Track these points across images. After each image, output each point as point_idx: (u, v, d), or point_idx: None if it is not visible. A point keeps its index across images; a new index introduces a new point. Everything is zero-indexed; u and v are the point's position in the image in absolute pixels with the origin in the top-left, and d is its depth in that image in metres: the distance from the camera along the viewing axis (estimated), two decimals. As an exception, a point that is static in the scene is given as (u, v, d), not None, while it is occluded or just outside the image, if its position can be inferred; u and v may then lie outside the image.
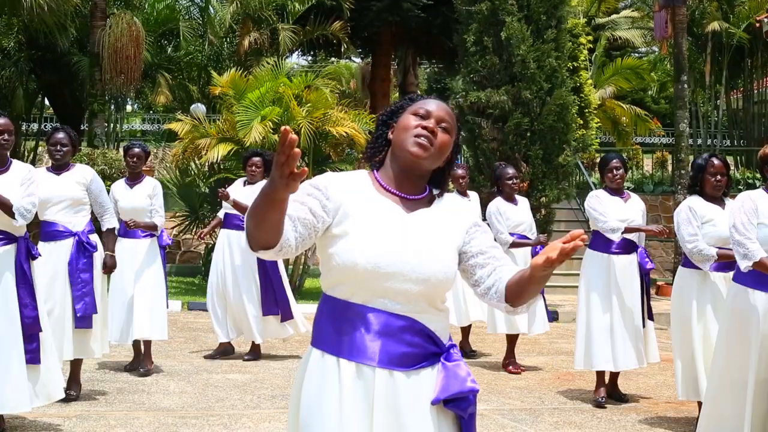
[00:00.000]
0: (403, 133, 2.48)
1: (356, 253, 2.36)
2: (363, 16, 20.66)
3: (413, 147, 2.45)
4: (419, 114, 2.51)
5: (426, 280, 2.39)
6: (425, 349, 2.41)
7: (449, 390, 2.39)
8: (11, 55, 19.90)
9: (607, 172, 7.16)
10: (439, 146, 2.49)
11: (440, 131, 2.50)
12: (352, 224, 2.40)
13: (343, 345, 2.39)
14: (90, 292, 6.54)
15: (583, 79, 19.00)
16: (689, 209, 6.06)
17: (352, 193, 2.45)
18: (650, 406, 7.08)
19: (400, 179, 2.51)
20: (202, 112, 17.62)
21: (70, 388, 6.71)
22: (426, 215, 2.50)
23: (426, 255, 2.41)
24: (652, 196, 19.17)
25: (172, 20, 20.73)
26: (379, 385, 2.35)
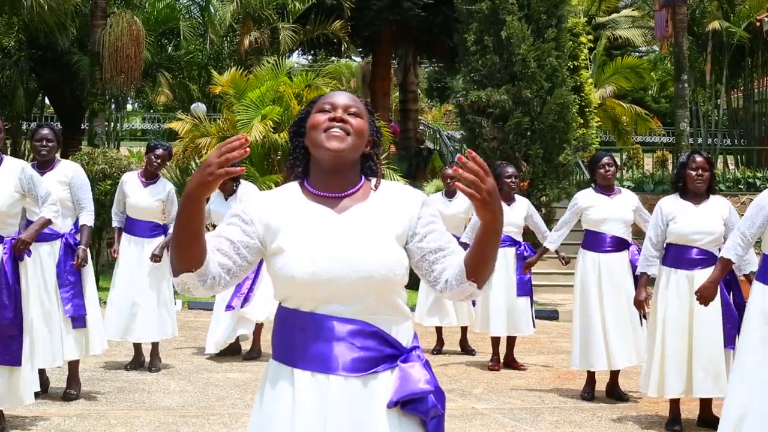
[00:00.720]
0: (314, 133, 2.41)
1: (292, 267, 2.32)
2: (363, 15, 20.67)
3: (328, 142, 2.38)
4: (325, 109, 2.44)
5: (368, 278, 2.32)
6: (380, 352, 2.34)
7: (401, 392, 2.32)
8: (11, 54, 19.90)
9: (598, 169, 7.21)
10: (354, 132, 2.41)
11: (350, 117, 2.42)
12: (283, 239, 2.36)
13: (297, 354, 2.34)
14: (78, 293, 6.52)
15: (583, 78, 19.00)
16: (659, 208, 6.24)
17: (279, 208, 2.40)
18: (650, 405, 7.08)
19: (325, 179, 2.43)
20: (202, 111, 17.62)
21: (70, 387, 6.71)
22: (360, 211, 2.40)
23: (363, 253, 2.33)
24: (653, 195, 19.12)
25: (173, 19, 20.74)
26: (335, 392, 2.30)
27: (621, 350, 7.05)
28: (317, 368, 2.32)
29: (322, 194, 2.43)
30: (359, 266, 2.32)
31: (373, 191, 2.46)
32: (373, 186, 2.47)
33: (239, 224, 2.39)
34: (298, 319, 2.36)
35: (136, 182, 7.81)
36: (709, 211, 6.09)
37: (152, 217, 7.77)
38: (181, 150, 14.37)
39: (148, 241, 7.77)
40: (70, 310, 6.47)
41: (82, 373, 7.51)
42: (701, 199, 6.13)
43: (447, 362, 8.77)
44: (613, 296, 7.07)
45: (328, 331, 2.33)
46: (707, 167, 6.13)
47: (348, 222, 2.38)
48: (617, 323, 7.04)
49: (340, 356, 2.31)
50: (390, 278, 2.35)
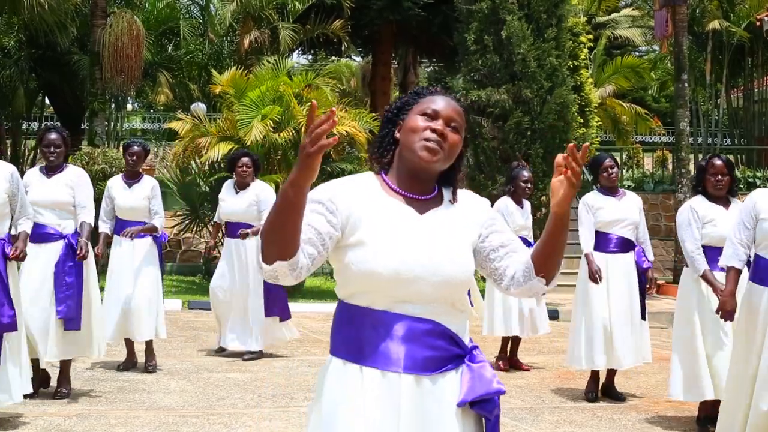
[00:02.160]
0: (411, 136, 2.39)
1: (375, 262, 2.30)
2: (363, 15, 20.66)
3: (422, 152, 2.37)
4: (427, 114, 2.41)
5: (446, 282, 2.35)
6: (449, 352, 2.37)
7: (475, 392, 2.35)
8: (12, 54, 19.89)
9: (602, 172, 7.19)
10: (449, 148, 2.40)
11: (449, 131, 2.40)
12: (365, 232, 2.33)
13: (366, 352, 2.33)
14: (73, 295, 6.51)
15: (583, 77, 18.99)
16: (691, 210, 6.16)
17: (360, 200, 2.38)
18: (650, 405, 7.08)
19: (409, 180, 2.44)
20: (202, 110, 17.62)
21: (60, 386, 6.72)
22: (439, 215, 2.43)
23: (444, 257, 2.35)
24: (653, 194, 19.16)
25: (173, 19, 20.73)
26: (406, 390, 2.30)
27: (628, 350, 7.05)
28: (389, 367, 2.31)
29: (404, 193, 2.43)
30: (440, 269, 2.34)
31: (449, 198, 2.48)
32: (450, 199, 2.48)
33: (324, 213, 2.33)
34: (369, 316, 2.34)
35: (120, 185, 7.85)
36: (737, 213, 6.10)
37: (141, 217, 7.78)
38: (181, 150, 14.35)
39: (138, 241, 7.78)
40: (62, 310, 6.47)
41: (82, 373, 7.53)
42: (727, 202, 6.15)
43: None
44: (620, 297, 7.06)
45: (402, 330, 2.33)
46: (726, 171, 6.11)
47: (430, 224, 2.40)
48: (624, 323, 7.03)
49: (413, 355, 2.32)
50: (464, 283, 2.40)
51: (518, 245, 2.50)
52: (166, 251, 16.34)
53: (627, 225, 7.15)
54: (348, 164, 13.84)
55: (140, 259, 7.77)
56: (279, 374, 7.93)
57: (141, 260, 7.77)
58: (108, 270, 7.90)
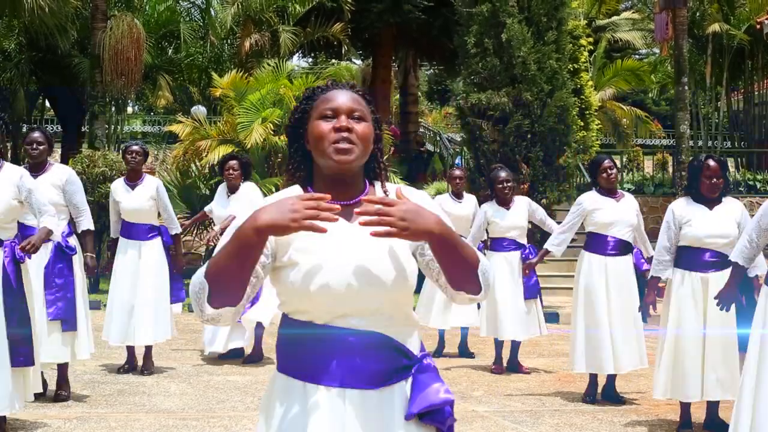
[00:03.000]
0: (319, 143, 2.29)
1: (307, 282, 2.21)
2: (363, 18, 20.67)
3: (336, 155, 2.27)
4: (326, 115, 2.31)
5: (384, 291, 2.25)
6: (395, 364, 2.27)
7: (422, 403, 2.26)
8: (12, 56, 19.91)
9: (601, 173, 7.20)
10: (360, 140, 2.29)
11: (354, 123, 2.30)
12: (294, 252, 2.25)
13: (309, 368, 2.25)
14: (63, 297, 6.50)
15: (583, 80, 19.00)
16: (671, 211, 6.21)
17: None
18: (650, 407, 7.07)
19: (334, 186, 2.32)
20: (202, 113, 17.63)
21: (60, 389, 6.72)
22: None
23: (378, 265, 2.25)
24: (653, 197, 19.16)
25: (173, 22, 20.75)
26: (351, 406, 2.22)
27: (627, 353, 7.05)
28: (332, 383, 2.23)
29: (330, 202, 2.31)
30: (376, 279, 2.24)
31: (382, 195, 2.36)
32: (384, 192, 2.38)
33: None
34: (311, 332, 2.26)
35: (123, 187, 7.83)
36: (722, 213, 6.08)
37: (147, 219, 7.77)
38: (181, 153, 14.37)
39: (145, 244, 7.77)
40: (52, 312, 6.46)
41: (82, 376, 7.52)
42: (714, 202, 6.12)
43: (447, 365, 8.76)
44: (620, 299, 7.06)
45: (345, 344, 2.24)
46: (720, 173, 6.11)
47: (360, 231, 2.25)
48: (623, 326, 7.03)
49: (357, 370, 2.23)
50: (405, 288, 2.30)
51: None
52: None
53: (625, 227, 7.15)
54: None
55: (147, 263, 7.75)
56: (279, 377, 7.92)
57: (148, 262, 7.75)
58: (113, 274, 7.88)
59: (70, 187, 6.61)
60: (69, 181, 6.62)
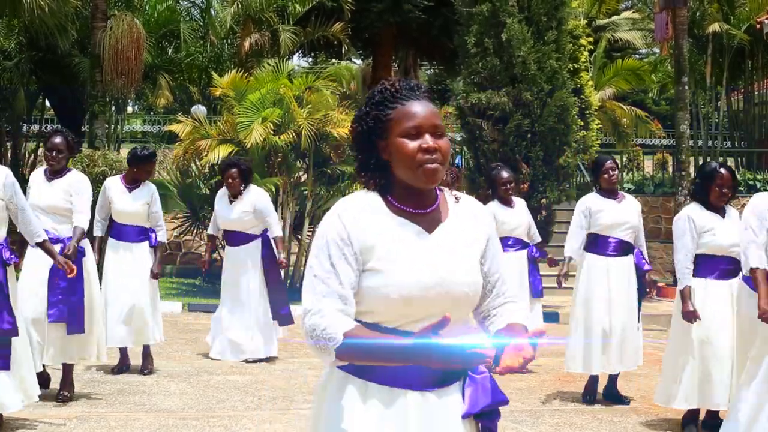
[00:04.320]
0: (406, 161, 2.28)
1: (388, 288, 2.26)
2: (363, 18, 20.66)
3: (424, 178, 2.29)
4: (410, 134, 2.29)
5: (458, 300, 2.32)
6: None
7: (479, 404, 2.34)
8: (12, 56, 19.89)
9: (602, 174, 7.18)
10: (445, 156, 2.32)
11: (439, 140, 2.31)
12: (377, 260, 2.28)
13: (371, 368, 2.28)
14: (66, 299, 6.49)
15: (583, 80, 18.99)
16: (689, 219, 6.11)
17: (369, 226, 2.31)
18: (650, 407, 7.07)
19: (410, 195, 2.35)
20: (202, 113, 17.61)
21: (63, 389, 6.72)
22: (447, 230, 2.37)
23: (456, 276, 2.32)
24: (653, 197, 19.15)
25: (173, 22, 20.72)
26: (413, 407, 2.28)
27: (627, 354, 7.04)
28: (395, 383, 2.28)
29: (410, 210, 2.35)
30: (453, 290, 2.30)
31: (452, 206, 2.42)
32: (454, 199, 2.43)
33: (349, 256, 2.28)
34: (377, 332, 2.27)
35: (119, 188, 7.79)
36: (734, 222, 6.10)
37: (139, 222, 7.77)
38: (181, 152, 14.35)
39: (136, 246, 7.77)
40: (54, 314, 6.46)
41: (82, 375, 7.52)
42: (723, 210, 6.14)
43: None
44: (621, 300, 7.04)
45: None
46: (732, 183, 6.11)
47: (440, 242, 2.34)
48: (624, 327, 7.02)
49: (419, 372, 2.27)
50: (474, 298, 2.37)
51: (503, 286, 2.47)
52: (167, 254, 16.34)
53: (627, 228, 7.14)
54: (348, 167, 13.84)
55: (138, 265, 7.75)
56: (279, 377, 7.93)
57: (138, 264, 7.76)
58: (104, 275, 7.87)
59: (76, 191, 6.63)
60: (77, 187, 6.65)
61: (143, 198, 7.74)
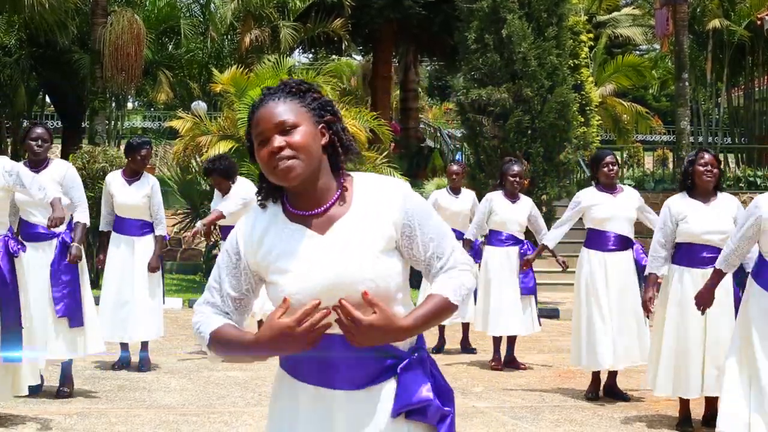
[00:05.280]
0: (264, 170, 2.29)
1: (286, 295, 2.24)
2: (364, 14, 20.65)
3: (280, 179, 2.26)
4: (262, 142, 2.27)
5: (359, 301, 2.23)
6: (380, 364, 2.28)
7: (402, 402, 2.27)
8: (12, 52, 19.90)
9: (602, 167, 7.17)
10: (300, 151, 2.25)
11: (287, 137, 2.24)
12: (275, 271, 2.29)
13: (300, 368, 2.31)
14: (69, 294, 6.49)
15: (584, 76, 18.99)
16: (667, 208, 6.17)
17: (263, 235, 2.33)
18: (651, 403, 7.08)
19: (303, 195, 2.32)
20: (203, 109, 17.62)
21: (63, 385, 6.72)
22: (344, 226, 2.29)
23: (354, 274, 2.24)
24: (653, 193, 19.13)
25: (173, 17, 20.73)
26: (338, 407, 2.26)
27: (627, 349, 7.04)
28: (320, 383, 2.28)
29: (302, 213, 2.32)
30: (351, 286, 2.23)
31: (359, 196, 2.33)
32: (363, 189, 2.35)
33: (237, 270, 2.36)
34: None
35: (120, 181, 7.79)
36: (719, 209, 6.07)
37: (140, 215, 7.76)
38: (181, 148, 14.36)
39: (138, 240, 7.76)
40: (61, 309, 6.46)
41: (82, 372, 7.53)
42: (710, 198, 6.10)
43: (448, 361, 8.77)
44: (620, 295, 7.05)
45: (332, 347, 2.25)
46: (715, 164, 6.11)
47: (333, 241, 2.28)
48: (624, 322, 7.03)
49: (342, 371, 2.26)
50: (385, 290, 2.27)
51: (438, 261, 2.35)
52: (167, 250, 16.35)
53: (623, 222, 7.12)
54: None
55: (140, 259, 7.76)
56: (279, 373, 7.92)
57: (140, 258, 7.76)
58: (106, 268, 7.88)
59: (67, 182, 6.61)
60: (68, 176, 6.63)
61: (143, 190, 7.73)
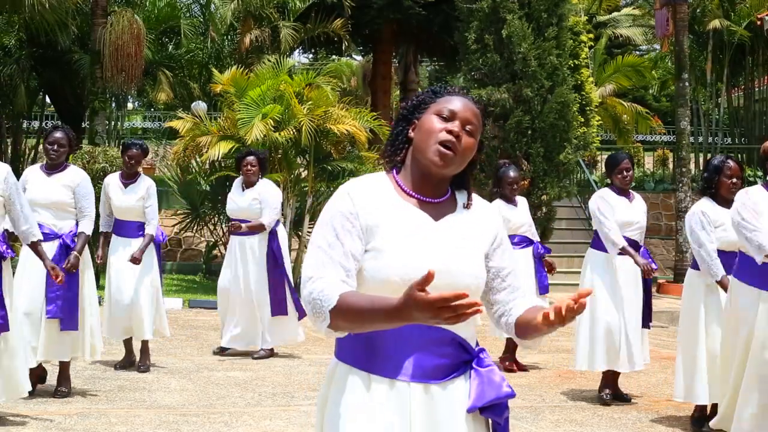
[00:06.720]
0: (426, 137, 2.33)
1: (390, 270, 2.26)
2: (364, 14, 20.65)
3: (435, 156, 2.31)
4: (443, 115, 2.34)
5: (461, 291, 2.23)
6: (457, 358, 2.34)
7: (485, 397, 2.32)
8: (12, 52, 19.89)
9: (617, 173, 7.05)
10: (462, 151, 2.34)
11: (465, 135, 2.34)
12: (380, 240, 2.29)
13: (374, 360, 2.29)
14: (64, 295, 6.48)
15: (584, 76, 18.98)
16: (702, 214, 6.04)
17: (376, 206, 2.33)
18: (651, 404, 7.08)
19: (422, 181, 2.38)
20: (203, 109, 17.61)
21: (60, 385, 6.72)
22: (454, 221, 2.39)
23: (459, 265, 2.32)
24: (653, 194, 19.17)
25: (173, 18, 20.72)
26: (416, 399, 2.27)
27: (638, 351, 7.00)
28: (398, 376, 2.27)
29: (418, 197, 2.37)
30: (455, 279, 2.29)
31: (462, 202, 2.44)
32: (464, 203, 2.44)
33: (354, 230, 2.29)
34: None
35: (117, 184, 7.82)
36: None
37: (137, 217, 7.77)
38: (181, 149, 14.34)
39: (136, 241, 7.77)
40: (51, 310, 6.46)
41: (83, 372, 7.53)
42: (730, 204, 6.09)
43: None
44: (628, 299, 6.99)
45: (411, 338, 2.27)
46: (740, 174, 6.07)
47: (445, 231, 2.35)
48: (634, 325, 6.99)
49: (421, 364, 2.28)
50: (477, 290, 2.37)
51: (516, 280, 2.46)
52: (167, 250, 16.35)
53: (636, 228, 7.09)
54: (349, 163, 13.85)
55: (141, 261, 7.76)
56: (279, 373, 7.93)
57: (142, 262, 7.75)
58: (107, 270, 7.90)
59: (80, 190, 6.63)
60: (81, 185, 6.65)
61: (139, 193, 7.74)
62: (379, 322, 2.12)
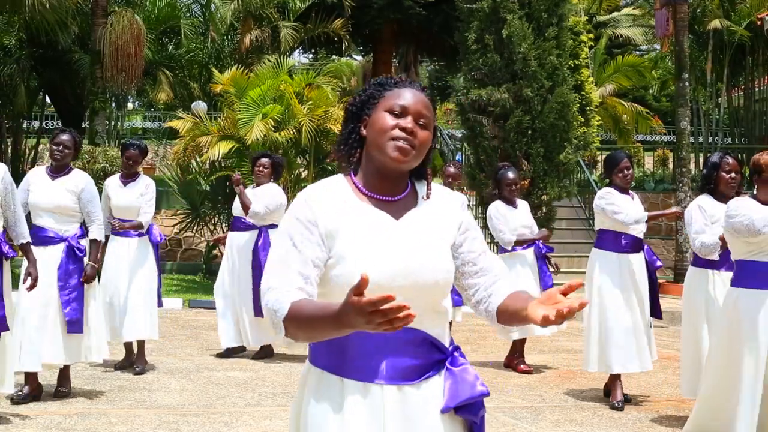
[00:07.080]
0: (379, 136, 2.29)
1: (353, 276, 2.18)
2: (364, 14, 20.66)
3: (393, 152, 2.27)
4: (394, 112, 2.30)
5: (428, 288, 2.28)
6: (430, 358, 2.31)
7: (459, 397, 2.30)
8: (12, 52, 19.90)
9: (617, 172, 7.02)
10: (419, 146, 2.30)
11: (419, 129, 2.30)
12: (342, 246, 2.25)
13: (346, 363, 2.26)
14: (77, 297, 6.50)
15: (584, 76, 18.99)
16: (699, 208, 6.07)
17: (335, 210, 2.29)
18: (651, 404, 7.08)
19: (379, 180, 2.34)
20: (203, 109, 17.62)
21: (61, 385, 6.72)
22: (415, 217, 2.35)
23: (424, 263, 2.28)
24: (653, 194, 19.16)
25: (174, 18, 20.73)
26: (389, 401, 2.24)
27: (644, 353, 6.98)
28: (371, 378, 2.25)
29: (376, 196, 2.34)
30: (421, 277, 2.26)
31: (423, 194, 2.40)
32: (424, 195, 2.39)
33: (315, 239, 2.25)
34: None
35: (116, 183, 7.85)
36: None
37: (135, 216, 7.76)
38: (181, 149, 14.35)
39: (134, 240, 7.77)
40: (69, 313, 6.46)
41: (83, 372, 7.53)
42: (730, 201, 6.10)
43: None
44: (633, 297, 6.97)
45: (383, 340, 2.24)
46: (739, 169, 6.09)
47: (408, 229, 2.31)
48: (641, 325, 6.97)
49: (394, 365, 2.25)
50: (445, 286, 2.33)
51: (487, 262, 2.41)
52: (167, 250, 16.36)
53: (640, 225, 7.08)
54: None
55: (133, 258, 7.77)
56: (279, 373, 7.94)
57: (134, 259, 7.77)
58: (103, 270, 7.88)
59: (85, 195, 6.62)
60: (86, 190, 6.63)
61: (137, 191, 7.75)
62: (329, 329, 2.07)
